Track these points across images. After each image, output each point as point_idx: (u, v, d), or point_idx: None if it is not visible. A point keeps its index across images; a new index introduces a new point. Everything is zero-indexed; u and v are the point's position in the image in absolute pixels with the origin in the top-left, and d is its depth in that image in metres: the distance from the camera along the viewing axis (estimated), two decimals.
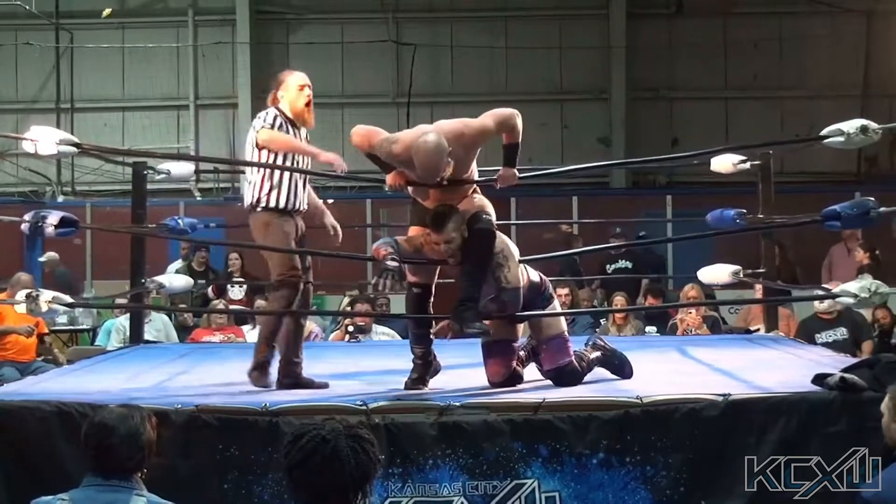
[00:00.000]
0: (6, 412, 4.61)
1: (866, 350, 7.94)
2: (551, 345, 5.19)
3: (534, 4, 15.20)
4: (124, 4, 15.28)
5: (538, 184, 13.46)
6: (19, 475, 4.42)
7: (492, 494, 4.50)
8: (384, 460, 4.13)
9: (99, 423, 3.26)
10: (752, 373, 5.42)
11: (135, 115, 15.23)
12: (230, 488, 4.48)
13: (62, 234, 5.22)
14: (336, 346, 8.21)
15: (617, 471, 4.54)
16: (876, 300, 5.05)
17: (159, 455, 4.45)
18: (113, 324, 9.20)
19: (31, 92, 15.26)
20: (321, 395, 4.97)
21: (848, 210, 5.01)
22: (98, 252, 13.84)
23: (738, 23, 15.05)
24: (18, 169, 14.86)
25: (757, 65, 15.08)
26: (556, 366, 5.17)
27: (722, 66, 15.19)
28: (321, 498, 2.82)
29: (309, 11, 15.40)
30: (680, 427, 4.58)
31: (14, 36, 15.11)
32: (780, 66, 15.06)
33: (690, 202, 12.86)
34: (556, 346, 5.20)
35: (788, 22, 14.96)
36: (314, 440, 2.83)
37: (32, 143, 5.00)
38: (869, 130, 4.91)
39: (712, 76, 15.16)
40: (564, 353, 5.20)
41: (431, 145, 4.74)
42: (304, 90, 5.24)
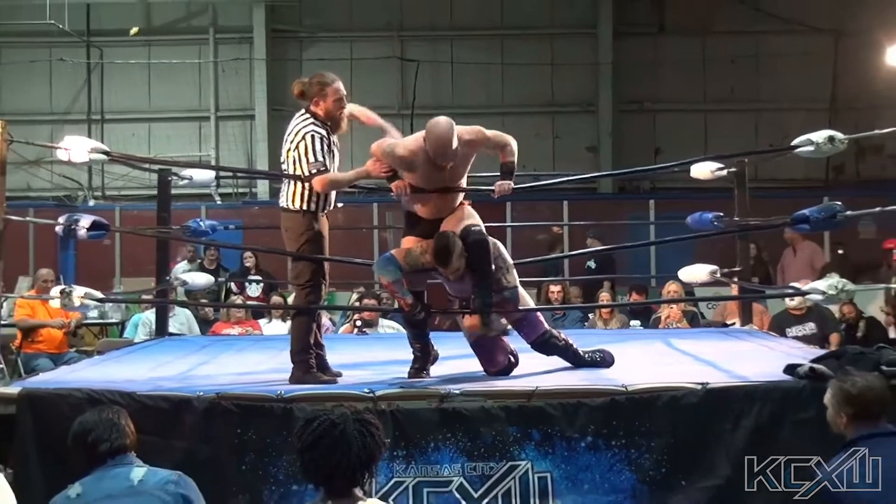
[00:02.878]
0: (41, 399, 4.62)
1: (833, 342, 7.94)
2: (525, 320, 5.29)
3: (527, 24, 15.19)
4: (150, 23, 15.27)
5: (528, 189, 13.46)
6: (53, 457, 4.42)
7: (489, 475, 4.50)
8: (389, 443, 4.14)
9: (76, 430, 3.34)
10: (728, 363, 5.42)
11: (160, 125, 15.21)
12: (248, 469, 4.48)
13: (93, 236, 5.23)
14: (345, 338, 8.21)
15: (604, 453, 4.54)
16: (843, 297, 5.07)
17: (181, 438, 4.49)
18: (140, 318, 9.20)
19: (63, 104, 15.25)
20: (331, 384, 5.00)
21: (817, 214, 5.02)
22: (126, 252, 13.82)
23: (716, 41, 15.03)
24: (53, 175, 14.85)
25: (734, 80, 15.07)
26: (537, 335, 5.27)
27: (701, 81, 15.17)
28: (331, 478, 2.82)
29: (320, 30, 15.39)
30: (662, 413, 4.58)
31: (48, 52, 15.09)
32: (756, 81, 15.05)
33: (672, 206, 12.84)
34: (529, 321, 5.30)
35: (763, 40, 14.94)
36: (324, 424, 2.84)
37: (66, 152, 5.01)
38: (836, 140, 4.91)
39: (692, 90, 15.14)
40: (539, 324, 5.31)
41: (443, 122, 4.96)
42: (342, 102, 5.18)
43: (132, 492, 3.15)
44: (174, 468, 3.41)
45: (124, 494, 3.15)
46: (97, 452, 3.26)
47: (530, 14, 15.19)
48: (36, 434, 4.55)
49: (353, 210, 14.30)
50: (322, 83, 5.14)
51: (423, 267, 5.04)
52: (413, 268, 5.01)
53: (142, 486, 3.17)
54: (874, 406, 3.45)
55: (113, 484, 3.18)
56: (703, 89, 15.18)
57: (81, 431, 3.31)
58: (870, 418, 3.44)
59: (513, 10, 15.17)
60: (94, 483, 3.19)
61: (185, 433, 4.51)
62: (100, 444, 3.26)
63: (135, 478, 3.20)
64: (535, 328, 5.30)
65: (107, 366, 6.00)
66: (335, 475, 2.81)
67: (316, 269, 5.12)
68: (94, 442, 3.27)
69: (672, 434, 4.56)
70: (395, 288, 4.95)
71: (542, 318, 5.40)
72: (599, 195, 15.05)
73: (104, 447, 3.26)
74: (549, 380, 4.96)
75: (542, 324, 5.34)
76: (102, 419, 3.32)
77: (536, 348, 5.34)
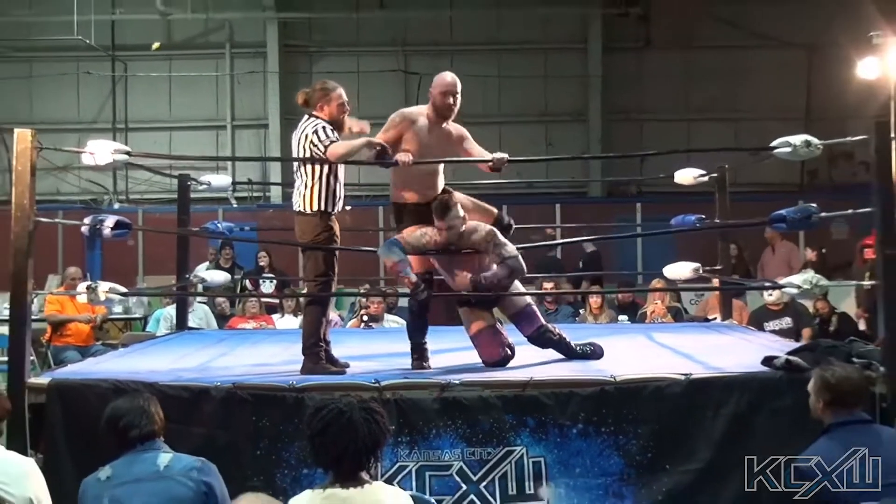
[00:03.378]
0: (70, 389, 4.63)
1: (807, 336, 7.94)
2: (522, 315, 5.30)
3: (522, 39, 15.18)
4: (171, 39, 15.27)
5: (526, 193, 13.50)
6: (81, 443, 4.42)
7: (486, 460, 4.50)
8: (393, 430, 4.14)
9: (109, 415, 3.32)
10: (709, 356, 5.42)
11: (180, 133, 15.21)
12: (262, 454, 4.48)
13: (117, 235, 5.22)
14: (353, 332, 8.23)
15: (594, 439, 4.54)
16: (817, 291, 5.06)
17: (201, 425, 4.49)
18: (161, 313, 9.21)
19: (90, 114, 15.24)
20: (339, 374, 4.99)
21: (793, 214, 5.01)
22: (148, 251, 13.85)
23: (698, 55, 15.03)
24: (80, 180, 14.84)
25: (714, 91, 15.06)
26: (533, 329, 5.28)
27: (684, 93, 15.18)
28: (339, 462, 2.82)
29: (329, 45, 15.39)
30: (648, 402, 4.58)
31: (76, 66, 15.09)
32: (735, 93, 15.04)
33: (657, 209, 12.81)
34: (526, 315, 5.31)
35: (741, 54, 14.94)
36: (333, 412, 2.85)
37: (91, 155, 4.99)
38: (812, 145, 4.90)
39: (676, 101, 15.14)
40: (535, 318, 5.32)
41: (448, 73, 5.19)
42: (344, 106, 5.25)
43: (158, 476, 3.15)
44: (194, 453, 3.40)
45: (151, 479, 3.14)
46: (128, 438, 3.25)
47: (525, 30, 15.20)
48: (65, 421, 4.55)
49: (360, 212, 14.29)
50: (325, 89, 5.22)
51: (424, 248, 5.06)
52: (415, 249, 5.04)
53: (167, 472, 3.16)
54: (850, 395, 3.45)
55: (141, 468, 3.18)
56: (686, 100, 15.18)
57: (114, 416, 3.29)
58: (846, 406, 3.44)
59: (509, 27, 15.17)
60: (124, 467, 3.18)
61: (204, 420, 4.51)
62: (130, 430, 3.24)
63: (161, 463, 3.20)
64: (532, 323, 5.30)
65: (131, 358, 6.01)
66: (343, 459, 2.81)
67: (327, 265, 5.12)
68: (125, 427, 3.25)
69: (657, 421, 4.55)
70: (399, 268, 4.92)
71: (538, 313, 5.40)
72: (589, 199, 15.06)
73: (134, 433, 3.25)
74: (543, 371, 4.96)
75: (538, 319, 5.34)
76: (134, 406, 3.30)
77: (533, 341, 5.34)
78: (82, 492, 3.18)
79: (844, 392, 3.45)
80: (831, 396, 3.44)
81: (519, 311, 5.30)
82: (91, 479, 3.20)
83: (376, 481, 2.88)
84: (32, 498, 3.01)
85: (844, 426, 3.38)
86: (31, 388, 4.56)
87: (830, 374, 3.50)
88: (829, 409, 3.45)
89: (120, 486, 3.13)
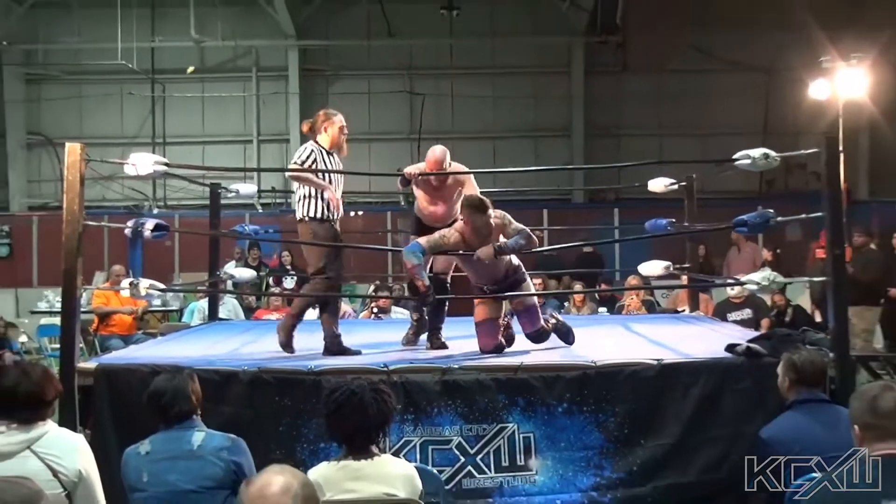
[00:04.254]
0: (114, 373, 4.63)
1: (764, 326, 7.93)
2: (528, 312, 5.28)
3: (514, 64, 15.17)
4: (204, 63, 15.26)
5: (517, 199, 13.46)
6: (125, 423, 4.41)
7: (482, 435, 4.50)
8: (400, 409, 4.14)
9: (151, 391, 3.29)
10: (679, 343, 5.42)
11: (211, 147, 15.20)
12: (284, 430, 4.48)
13: (156, 236, 5.21)
14: (364, 322, 8.22)
15: (577, 417, 4.53)
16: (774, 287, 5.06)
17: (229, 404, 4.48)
18: (195, 305, 9.19)
19: (132, 130, 15.23)
20: (353, 358, 4.99)
21: (753, 219, 5.00)
22: (184, 251, 13.85)
23: (669, 78, 15.02)
24: (124, 188, 14.84)
25: (684, 110, 15.04)
26: (534, 329, 5.29)
27: (656, 112, 15.16)
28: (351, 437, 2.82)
29: (343, 69, 15.37)
30: (625, 384, 4.57)
31: (120, 88, 15.09)
32: (702, 112, 15.02)
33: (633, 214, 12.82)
34: (531, 313, 5.29)
35: (708, 78, 14.93)
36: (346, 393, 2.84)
37: (133, 166, 4.99)
38: (769, 157, 4.90)
39: (650, 119, 15.12)
40: (538, 318, 5.30)
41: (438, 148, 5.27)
42: (343, 129, 5.30)
43: (191, 455, 3.12)
44: (223, 429, 3.38)
45: (184, 457, 3.11)
46: (167, 415, 3.22)
47: (516, 57, 15.18)
48: (110, 401, 4.55)
49: (371, 216, 14.33)
50: (328, 114, 5.35)
51: (443, 248, 5.03)
52: (434, 250, 5.01)
53: (200, 451, 3.12)
54: (811, 376, 3.46)
55: (177, 446, 3.14)
56: (658, 118, 15.16)
57: (155, 394, 3.26)
58: (808, 385, 3.45)
59: (502, 54, 15.16)
60: (161, 443, 3.16)
61: (232, 400, 4.51)
62: (170, 409, 3.21)
63: (195, 442, 3.15)
64: (534, 323, 5.28)
65: (168, 345, 6.01)
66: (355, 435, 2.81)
67: (326, 263, 5.14)
68: (165, 405, 3.22)
69: (633, 401, 4.55)
70: (416, 271, 4.87)
71: (541, 315, 5.38)
72: (573, 205, 15.07)
73: (173, 412, 3.21)
74: (533, 357, 4.96)
75: (539, 320, 5.31)
76: (173, 386, 3.26)
77: (530, 338, 5.33)
78: (124, 462, 3.16)
79: (807, 373, 3.46)
80: (796, 376, 3.46)
81: (526, 309, 5.27)
82: (132, 452, 3.19)
83: (385, 454, 2.87)
84: (81, 470, 2.99)
85: (806, 403, 3.38)
86: (80, 372, 4.56)
87: (797, 357, 3.53)
88: (793, 387, 3.47)
89: (157, 462, 3.11)
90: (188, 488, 3.04)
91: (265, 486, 1.57)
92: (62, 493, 2.96)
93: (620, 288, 9.82)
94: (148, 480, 3.07)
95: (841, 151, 5.23)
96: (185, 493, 3.02)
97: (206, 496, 3.02)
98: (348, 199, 14.89)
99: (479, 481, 4.47)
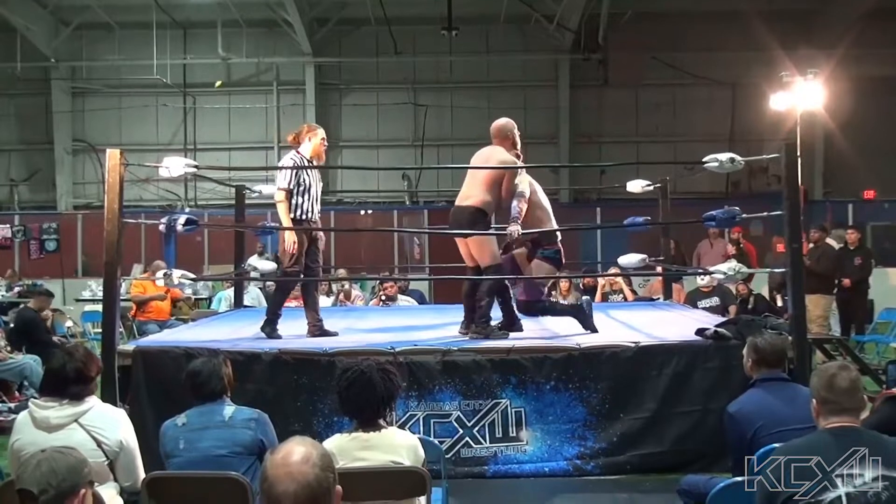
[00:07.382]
0: (150, 354, 4.63)
1: (732, 312, 7.92)
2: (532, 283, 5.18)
3: (507, 79, 15.14)
4: (230, 78, 15.23)
5: None
6: (160, 398, 4.43)
7: (478, 410, 4.51)
8: (405, 386, 4.14)
9: (189, 370, 3.29)
10: (654, 328, 5.42)
11: (237, 153, 15.17)
12: (301, 405, 4.49)
13: (188, 229, 5.22)
14: (374, 309, 8.21)
15: (563, 394, 4.54)
16: (739, 277, 5.05)
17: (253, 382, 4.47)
18: (223, 294, 9.19)
19: (166, 138, 15.21)
20: (363, 341, 4.98)
21: (721, 215, 5.00)
22: (212, 246, 13.85)
23: (645, 91, 14.99)
24: (158, 189, 14.85)
25: (658, 120, 15.03)
26: (526, 299, 5.17)
27: (634, 121, 15.15)
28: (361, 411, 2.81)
29: (355, 83, 15.33)
30: (605, 364, 4.58)
31: (155, 100, 15.07)
32: (674, 121, 15.02)
33: (613, 212, 12.83)
34: (534, 285, 5.18)
35: (679, 91, 14.92)
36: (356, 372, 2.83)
37: (166, 169, 4.99)
38: (735, 161, 4.89)
39: (628, 128, 15.10)
40: (538, 294, 5.19)
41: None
42: (324, 141, 5.45)
43: (223, 425, 3.12)
44: (247, 405, 3.38)
45: (217, 426, 3.12)
46: (201, 393, 3.22)
47: (509, 72, 15.15)
48: (146, 379, 4.56)
49: (379, 215, 14.32)
50: (311, 127, 5.49)
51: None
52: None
53: (231, 422, 3.14)
54: (772, 357, 3.46)
55: (210, 417, 3.15)
56: (636, 127, 15.14)
57: (193, 373, 3.25)
58: (768, 365, 3.44)
59: (496, 69, 15.14)
60: (196, 416, 3.16)
61: (255, 378, 4.51)
62: (204, 388, 3.20)
63: (226, 415, 3.16)
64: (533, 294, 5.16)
65: (198, 329, 6.01)
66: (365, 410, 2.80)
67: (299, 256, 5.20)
68: (200, 384, 3.21)
69: (613, 379, 4.56)
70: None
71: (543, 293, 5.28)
72: (560, 204, 15.01)
73: (206, 390, 3.21)
74: (523, 341, 4.95)
75: (540, 296, 5.21)
76: (209, 367, 3.25)
77: (520, 307, 5.22)
78: (162, 433, 3.16)
79: (768, 354, 3.46)
80: (759, 357, 3.46)
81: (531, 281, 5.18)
82: (170, 423, 3.19)
83: (391, 427, 2.86)
84: (122, 441, 3.00)
85: (767, 381, 3.38)
86: (120, 353, 4.57)
87: (760, 340, 3.52)
88: (756, 367, 3.47)
89: (193, 431, 3.11)
90: (221, 453, 3.05)
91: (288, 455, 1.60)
92: (105, 461, 2.96)
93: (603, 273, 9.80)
94: (184, 447, 3.08)
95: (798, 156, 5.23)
96: (218, 457, 3.03)
97: (236, 460, 3.04)
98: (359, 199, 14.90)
99: (475, 451, 4.48)
